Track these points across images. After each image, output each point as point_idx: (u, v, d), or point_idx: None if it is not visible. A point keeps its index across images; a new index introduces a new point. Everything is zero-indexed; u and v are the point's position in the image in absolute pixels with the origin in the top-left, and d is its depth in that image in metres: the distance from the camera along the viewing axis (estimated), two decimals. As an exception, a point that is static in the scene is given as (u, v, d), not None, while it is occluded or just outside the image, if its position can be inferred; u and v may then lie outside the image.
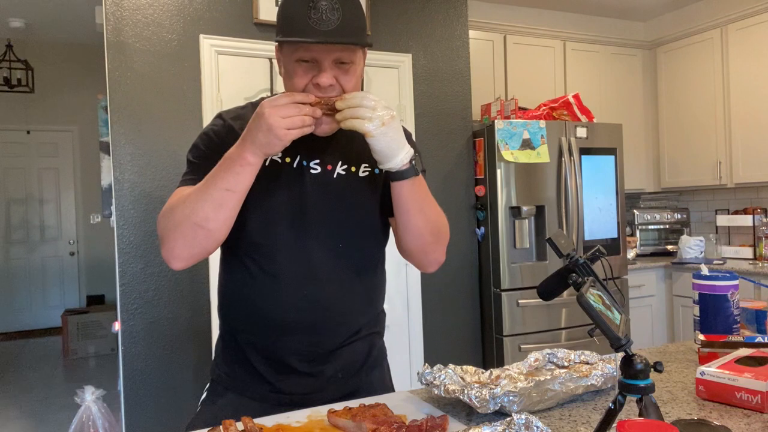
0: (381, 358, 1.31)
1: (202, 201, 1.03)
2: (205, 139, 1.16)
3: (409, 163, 1.07)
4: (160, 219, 1.09)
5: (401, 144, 1.06)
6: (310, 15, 0.99)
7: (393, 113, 1.04)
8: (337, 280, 1.16)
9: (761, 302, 1.47)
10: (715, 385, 1.04)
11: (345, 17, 1.01)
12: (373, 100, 1.02)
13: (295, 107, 1.00)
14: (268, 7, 2.77)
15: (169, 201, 1.11)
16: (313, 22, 0.99)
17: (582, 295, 0.80)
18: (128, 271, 2.51)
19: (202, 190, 1.04)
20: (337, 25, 1.00)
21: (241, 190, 1.04)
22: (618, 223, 3.46)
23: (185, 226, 1.04)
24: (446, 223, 1.24)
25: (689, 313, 3.65)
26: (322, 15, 1.00)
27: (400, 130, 1.06)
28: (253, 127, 1.00)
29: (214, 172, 1.04)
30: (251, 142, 1.00)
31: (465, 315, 3.26)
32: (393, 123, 1.04)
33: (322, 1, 1.00)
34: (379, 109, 1.02)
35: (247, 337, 1.19)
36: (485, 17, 3.78)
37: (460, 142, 3.27)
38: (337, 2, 1.01)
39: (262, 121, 0.98)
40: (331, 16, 1.00)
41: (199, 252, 1.07)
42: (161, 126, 2.58)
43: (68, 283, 6.40)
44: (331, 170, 1.16)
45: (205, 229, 1.04)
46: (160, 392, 2.53)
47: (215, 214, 1.03)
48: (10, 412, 3.92)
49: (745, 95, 3.73)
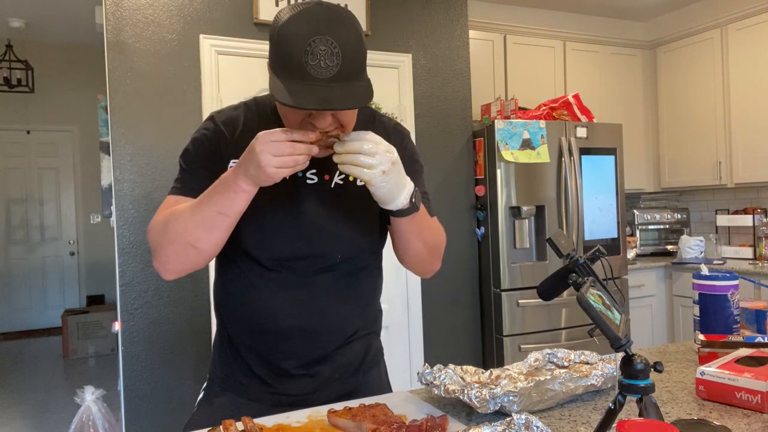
0: (378, 357, 1.30)
1: (195, 222, 1.02)
2: (196, 145, 1.14)
3: (410, 202, 1.03)
4: (152, 231, 1.09)
5: (402, 187, 1.02)
6: (308, 61, 0.92)
7: (394, 157, 0.99)
8: (333, 287, 1.15)
9: (761, 302, 1.47)
10: (715, 385, 1.04)
11: (344, 60, 0.93)
12: (372, 145, 0.96)
13: (290, 146, 0.94)
14: (268, 7, 2.77)
15: (160, 212, 1.11)
16: (310, 68, 0.92)
17: (582, 295, 0.80)
18: (128, 271, 2.51)
19: (196, 210, 1.03)
20: (336, 71, 0.93)
21: (234, 215, 1.02)
22: (618, 223, 3.46)
23: (178, 243, 1.04)
24: (444, 236, 1.25)
25: (689, 313, 3.65)
26: (320, 62, 0.92)
27: (401, 173, 1.01)
28: (246, 159, 0.96)
29: (209, 193, 1.03)
30: (244, 173, 0.97)
31: (465, 315, 3.26)
32: (394, 168, 0.99)
33: (319, 46, 0.92)
34: (380, 154, 0.97)
35: (244, 340, 1.18)
36: (485, 17, 3.78)
37: (460, 142, 3.27)
38: (337, 45, 0.93)
39: (254, 157, 0.94)
40: (330, 62, 0.92)
41: (190, 267, 1.08)
42: (161, 126, 2.58)
43: (68, 283, 6.40)
44: (329, 180, 1.14)
45: (197, 249, 1.04)
46: (160, 392, 2.53)
47: (207, 235, 1.03)
48: (10, 412, 3.92)
49: (745, 95, 3.73)
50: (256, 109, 1.17)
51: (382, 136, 1.18)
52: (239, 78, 2.71)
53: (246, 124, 1.14)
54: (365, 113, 1.21)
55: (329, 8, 0.96)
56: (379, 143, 0.98)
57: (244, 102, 1.19)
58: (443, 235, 1.25)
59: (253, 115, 1.16)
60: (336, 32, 0.93)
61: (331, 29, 0.93)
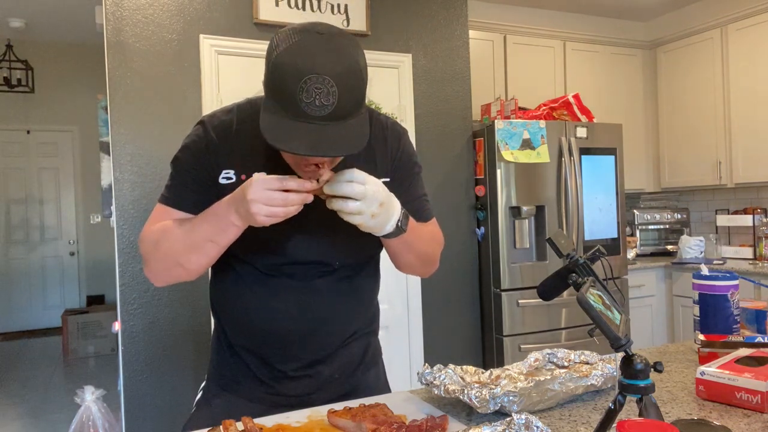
0: (376, 356, 1.30)
1: (185, 245, 1.04)
2: (185, 153, 1.12)
3: (396, 228, 1.02)
4: (143, 242, 1.11)
5: (389, 219, 1.00)
6: (302, 98, 0.87)
7: (382, 197, 0.97)
8: (332, 290, 1.15)
9: (761, 302, 1.47)
10: (715, 385, 1.04)
11: (341, 99, 0.89)
12: (360, 187, 0.94)
13: (282, 199, 0.92)
14: (268, 7, 2.77)
15: (151, 222, 1.11)
16: (304, 105, 0.88)
17: (582, 295, 0.80)
18: (128, 271, 2.51)
19: (188, 233, 1.03)
20: (331, 110, 0.88)
21: (224, 244, 1.03)
22: (618, 223, 3.46)
23: (167, 261, 1.07)
24: (440, 241, 1.25)
25: (689, 313, 3.65)
26: (315, 100, 0.87)
27: (389, 208, 0.99)
28: (239, 199, 0.95)
29: (201, 220, 1.03)
30: (235, 210, 0.97)
31: (465, 315, 3.26)
32: (383, 209, 0.97)
33: (315, 84, 0.87)
34: (368, 197, 0.94)
35: (241, 342, 1.18)
36: (485, 17, 3.78)
37: (460, 142, 3.26)
38: (333, 84, 0.88)
39: (245, 203, 0.93)
40: (325, 101, 0.88)
41: (179, 281, 1.11)
42: (161, 126, 2.58)
43: (68, 283, 6.40)
44: None
45: (186, 269, 1.07)
46: (160, 392, 2.53)
47: (197, 259, 1.05)
48: (10, 412, 3.92)
49: (745, 95, 3.73)
50: (250, 110, 1.14)
51: (380, 135, 1.18)
52: (239, 78, 2.71)
53: (239, 126, 1.12)
54: None
55: (329, 39, 0.91)
56: (367, 183, 0.95)
57: (237, 104, 1.16)
58: (439, 241, 1.24)
59: (246, 117, 1.12)
60: (333, 69, 0.88)
61: (328, 66, 0.88)
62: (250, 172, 1.08)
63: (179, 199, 1.11)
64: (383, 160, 1.17)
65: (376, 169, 1.16)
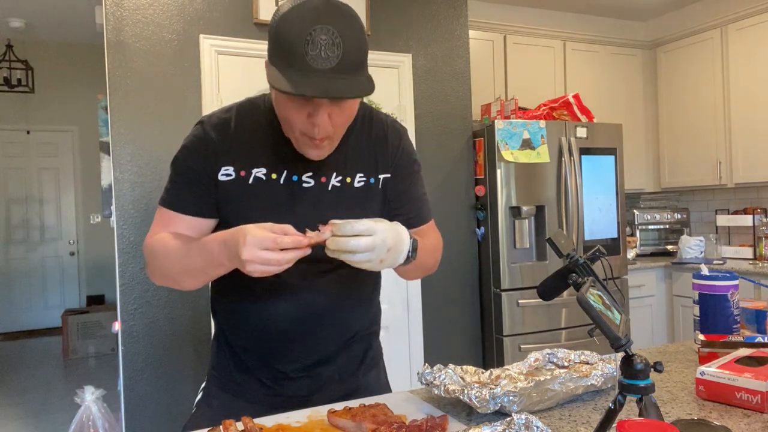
0: (377, 357, 1.30)
1: (180, 267, 1.06)
2: (185, 153, 1.13)
3: (406, 260, 1.02)
4: (146, 249, 1.13)
5: (398, 259, 0.99)
6: (308, 51, 0.90)
7: (390, 246, 0.95)
8: (332, 290, 1.15)
9: (761, 302, 1.47)
10: (715, 385, 1.04)
11: (346, 52, 0.92)
12: (366, 240, 0.92)
13: (277, 261, 0.91)
14: (268, 7, 2.76)
15: (153, 230, 1.13)
16: (310, 59, 0.91)
17: (582, 295, 0.80)
18: (128, 271, 2.51)
19: (183, 258, 1.04)
20: (337, 62, 0.92)
21: (215, 276, 1.06)
22: (618, 223, 3.46)
23: (164, 277, 1.10)
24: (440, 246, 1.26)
25: (689, 313, 3.65)
26: (321, 51, 0.91)
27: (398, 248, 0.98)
28: (232, 250, 0.93)
29: (195, 251, 1.02)
30: (228, 258, 0.96)
31: (465, 315, 3.26)
32: (390, 253, 0.96)
33: (321, 35, 0.90)
34: (376, 247, 0.93)
35: (242, 343, 1.18)
36: (485, 17, 3.78)
37: (460, 142, 3.26)
38: (338, 36, 0.91)
39: (239, 260, 0.92)
40: (331, 53, 0.91)
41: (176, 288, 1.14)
42: (161, 126, 2.58)
43: (68, 283, 6.39)
44: (326, 182, 1.12)
45: (181, 286, 1.10)
46: (160, 392, 2.53)
47: (190, 280, 1.08)
48: (10, 412, 3.92)
49: (745, 95, 3.73)
50: (249, 107, 1.15)
51: (380, 133, 1.19)
52: (239, 78, 2.71)
53: (238, 124, 1.12)
54: (363, 112, 1.19)
55: (331, 2, 0.95)
56: (375, 234, 0.93)
57: (237, 103, 1.17)
58: (440, 248, 1.25)
59: (245, 114, 1.13)
60: (338, 22, 0.92)
61: (333, 19, 0.92)
62: (249, 168, 1.09)
63: (179, 200, 1.12)
64: (384, 157, 1.18)
65: (377, 166, 1.17)
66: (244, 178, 1.09)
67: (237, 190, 1.09)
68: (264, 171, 1.09)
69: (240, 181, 1.09)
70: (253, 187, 1.09)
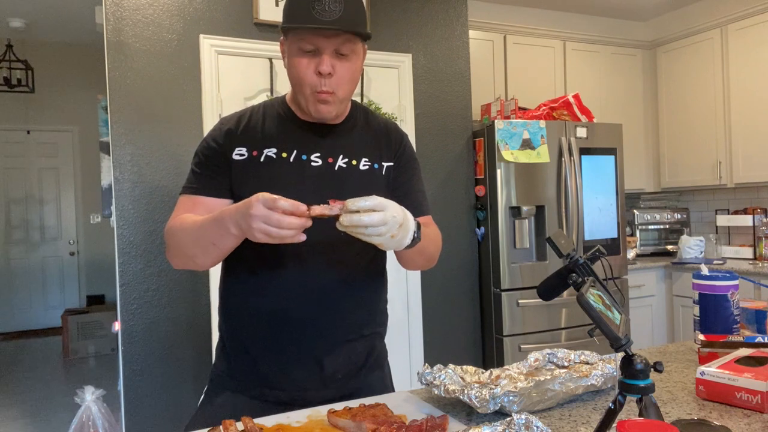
0: (382, 359, 1.30)
1: (194, 243, 1.11)
2: (205, 147, 1.21)
3: (412, 240, 1.04)
4: (167, 233, 1.18)
5: (407, 237, 1.02)
6: (314, 6, 1.06)
7: (400, 218, 0.98)
8: (338, 273, 1.17)
9: (761, 302, 1.47)
10: (715, 385, 1.04)
11: (347, 9, 1.07)
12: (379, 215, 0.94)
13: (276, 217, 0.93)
14: (268, 7, 2.76)
15: (175, 214, 1.19)
16: (316, 12, 1.06)
17: (582, 295, 0.80)
18: (128, 271, 2.51)
19: (196, 233, 1.10)
20: (339, 16, 1.06)
21: (225, 248, 1.09)
22: (618, 223, 3.46)
23: (180, 252, 1.16)
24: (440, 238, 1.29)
25: (689, 313, 3.65)
26: (325, 6, 1.06)
27: (407, 226, 1.01)
28: (242, 210, 0.98)
29: (206, 224, 1.08)
30: (237, 222, 1.00)
31: (465, 315, 3.26)
32: (401, 230, 0.99)
33: None
34: (389, 222, 0.95)
35: (248, 333, 1.19)
36: (485, 17, 3.78)
37: (460, 142, 3.26)
38: None
39: (247, 217, 0.96)
40: (334, 7, 1.06)
41: (194, 269, 1.19)
42: (161, 126, 2.58)
43: (68, 283, 6.39)
44: (333, 163, 1.18)
45: (195, 263, 1.15)
46: (160, 392, 2.52)
47: (203, 255, 1.12)
48: (10, 412, 3.92)
49: (745, 95, 3.73)
50: (264, 105, 1.25)
51: (383, 129, 1.27)
52: (239, 78, 2.71)
53: (253, 116, 1.22)
54: (363, 112, 1.27)
55: None
56: (387, 209, 0.96)
57: (252, 106, 1.27)
58: (439, 238, 1.29)
59: (259, 108, 1.24)
60: None
61: None
62: (261, 149, 1.17)
63: (198, 185, 1.19)
64: (388, 148, 1.26)
65: (381, 155, 1.24)
66: (256, 157, 1.17)
67: (249, 168, 1.16)
68: (275, 150, 1.17)
69: (252, 160, 1.17)
70: (264, 165, 1.16)
